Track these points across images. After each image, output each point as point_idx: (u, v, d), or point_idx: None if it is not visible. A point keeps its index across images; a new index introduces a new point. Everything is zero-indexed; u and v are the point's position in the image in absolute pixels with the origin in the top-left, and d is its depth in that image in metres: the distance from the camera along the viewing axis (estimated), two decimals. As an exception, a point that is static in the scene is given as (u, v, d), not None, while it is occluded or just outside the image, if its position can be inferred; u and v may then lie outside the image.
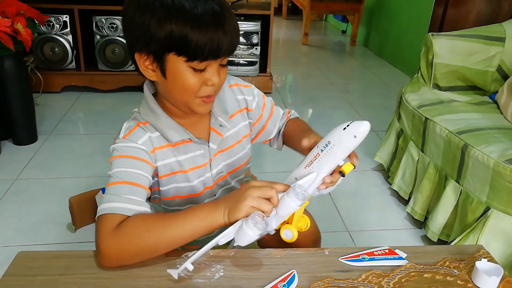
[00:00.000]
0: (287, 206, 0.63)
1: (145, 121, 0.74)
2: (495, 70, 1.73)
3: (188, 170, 0.77)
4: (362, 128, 0.62)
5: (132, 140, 0.72)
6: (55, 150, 2.00)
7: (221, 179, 0.83)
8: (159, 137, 0.74)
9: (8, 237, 1.43)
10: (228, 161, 0.82)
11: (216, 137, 0.78)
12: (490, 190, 1.24)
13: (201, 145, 0.77)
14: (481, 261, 0.64)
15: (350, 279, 0.64)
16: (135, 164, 0.70)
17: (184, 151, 0.76)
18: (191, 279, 0.63)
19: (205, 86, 0.69)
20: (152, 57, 0.68)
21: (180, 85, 0.69)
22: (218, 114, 0.78)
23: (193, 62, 0.66)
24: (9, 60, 1.86)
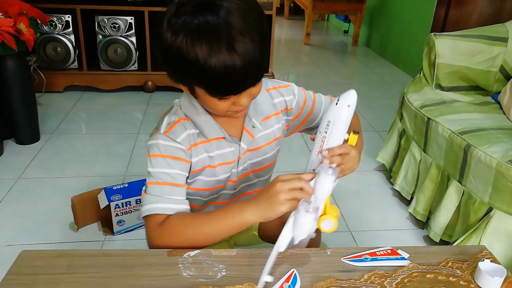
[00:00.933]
0: (322, 187, 0.65)
1: (185, 117, 0.77)
2: (497, 70, 1.72)
3: (217, 165, 0.80)
4: (351, 96, 0.65)
5: (172, 138, 0.75)
6: (58, 150, 2.01)
7: (244, 175, 0.86)
8: (196, 134, 0.77)
9: (11, 236, 1.43)
10: (255, 160, 0.85)
11: (248, 137, 0.81)
12: (492, 191, 1.24)
13: (232, 143, 0.80)
14: (484, 262, 0.64)
15: (352, 279, 0.64)
16: (173, 164, 0.75)
17: (216, 147, 0.79)
18: (193, 279, 0.63)
19: (233, 107, 0.71)
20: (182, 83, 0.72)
21: (208, 106, 0.73)
22: (252, 115, 0.80)
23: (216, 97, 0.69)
24: (12, 60, 1.87)
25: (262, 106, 0.82)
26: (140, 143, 2.07)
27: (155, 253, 0.68)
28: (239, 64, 0.63)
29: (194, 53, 0.62)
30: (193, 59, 0.63)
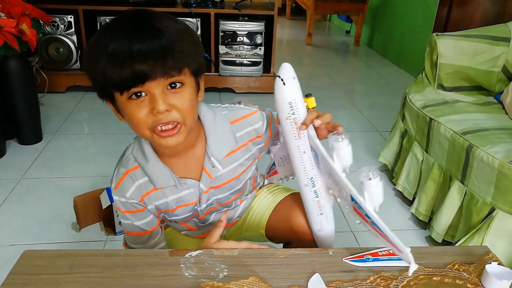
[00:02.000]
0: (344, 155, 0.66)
1: (136, 165, 0.75)
2: (500, 71, 1.72)
3: (175, 208, 0.80)
4: (288, 69, 0.65)
5: (121, 194, 0.76)
6: (60, 150, 2.01)
7: (211, 210, 0.86)
8: (147, 182, 0.76)
9: (14, 236, 1.44)
10: (220, 196, 0.83)
11: (206, 178, 0.77)
12: (495, 191, 1.23)
13: (190, 186, 0.78)
14: (491, 265, 0.64)
15: (358, 281, 0.64)
16: (138, 216, 0.78)
17: (170, 192, 0.78)
18: (195, 279, 0.63)
19: (153, 116, 0.64)
20: (108, 100, 0.70)
21: (130, 120, 0.67)
22: (212, 154, 0.76)
23: (124, 94, 0.63)
24: (14, 60, 1.87)
25: (224, 142, 0.76)
26: (142, 143, 2.07)
27: (157, 253, 0.69)
28: (141, 47, 0.60)
29: (96, 44, 0.64)
30: (98, 45, 0.63)
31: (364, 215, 0.64)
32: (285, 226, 0.86)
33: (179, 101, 0.65)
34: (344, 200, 0.69)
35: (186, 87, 0.66)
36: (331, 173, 0.69)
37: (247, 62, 2.74)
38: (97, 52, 0.63)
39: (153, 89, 0.63)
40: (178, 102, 0.65)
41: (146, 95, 0.64)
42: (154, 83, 0.62)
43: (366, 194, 0.64)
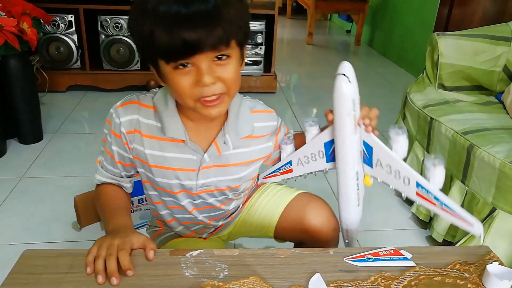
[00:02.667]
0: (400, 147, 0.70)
1: (151, 105, 0.75)
2: (501, 70, 1.72)
3: (173, 168, 0.77)
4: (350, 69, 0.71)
5: (118, 115, 0.75)
6: (61, 149, 2.01)
7: (206, 191, 0.81)
8: (152, 127, 0.75)
9: (14, 235, 1.44)
10: (221, 178, 0.80)
11: (214, 151, 0.76)
12: (496, 191, 1.23)
13: (194, 151, 0.76)
14: (492, 265, 0.64)
15: (359, 280, 0.64)
16: (114, 141, 0.77)
17: (175, 149, 0.75)
18: (195, 278, 0.63)
19: (198, 88, 0.65)
20: (152, 66, 0.70)
21: (174, 89, 0.68)
22: (227, 131, 0.76)
23: (171, 64, 0.64)
24: (15, 60, 1.87)
25: (242, 125, 0.77)
26: (143, 142, 2.07)
27: (157, 253, 0.68)
28: (188, 12, 0.59)
29: (145, 5, 0.61)
30: (147, 8, 0.61)
31: (431, 199, 0.67)
32: (297, 227, 0.85)
33: (225, 73, 0.66)
34: (403, 187, 0.71)
35: (232, 59, 0.67)
36: (391, 164, 0.71)
37: (248, 62, 2.73)
38: (142, 12, 0.62)
39: (200, 62, 0.63)
40: (224, 74, 0.65)
41: (192, 66, 0.64)
42: (202, 56, 0.63)
43: (431, 177, 0.67)
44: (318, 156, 0.76)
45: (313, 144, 0.78)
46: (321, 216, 0.85)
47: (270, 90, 2.84)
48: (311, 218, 0.84)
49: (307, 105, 2.78)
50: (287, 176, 0.83)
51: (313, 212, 0.84)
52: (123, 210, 0.79)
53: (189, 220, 0.87)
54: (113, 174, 0.81)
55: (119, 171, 0.81)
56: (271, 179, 0.88)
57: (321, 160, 0.76)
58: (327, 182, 1.81)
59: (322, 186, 1.79)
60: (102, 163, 0.81)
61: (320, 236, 0.84)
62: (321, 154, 0.75)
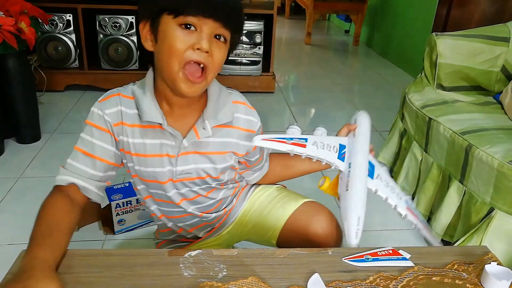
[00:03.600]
0: None
1: (131, 96, 0.76)
2: (499, 70, 1.72)
3: (153, 155, 0.76)
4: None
5: (102, 107, 0.75)
6: (58, 149, 2.00)
7: (187, 179, 0.80)
8: (135, 116, 0.75)
9: (12, 235, 1.43)
10: (202, 166, 0.79)
11: (193, 136, 0.76)
12: (494, 191, 1.23)
13: (173, 137, 0.76)
14: (491, 265, 0.64)
15: (357, 280, 0.64)
16: (97, 135, 0.75)
17: (154, 135, 0.76)
18: (194, 279, 0.63)
19: (191, 51, 0.67)
20: (149, 24, 0.70)
21: (167, 46, 0.68)
22: (207, 117, 0.76)
23: (179, 18, 0.66)
24: (13, 59, 1.87)
25: (222, 113, 0.77)
26: (141, 142, 2.07)
27: (156, 253, 0.68)
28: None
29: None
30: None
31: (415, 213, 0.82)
32: (302, 237, 0.84)
33: (218, 52, 0.70)
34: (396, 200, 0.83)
35: (226, 46, 0.71)
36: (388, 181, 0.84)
37: (246, 62, 2.73)
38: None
39: (206, 27, 0.67)
40: (217, 53, 0.69)
41: (195, 30, 0.67)
42: (210, 21, 0.67)
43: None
44: (333, 150, 0.80)
45: (330, 139, 0.81)
46: (327, 227, 0.84)
47: (268, 90, 2.84)
48: (318, 229, 0.83)
49: (306, 105, 2.78)
50: (297, 149, 0.76)
51: (319, 223, 0.84)
52: (54, 235, 0.67)
53: (179, 214, 0.86)
54: (80, 175, 0.75)
55: (91, 170, 0.75)
56: (276, 144, 0.76)
57: (334, 154, 0.79)
58: (325, 182, 1.81)
59: (320, 186, 1.78)
60: (69, 165, 0.77)
61: (324, 246, 0.82)
62: (335, 149, 0.80)
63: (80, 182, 0.75)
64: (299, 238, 0.84)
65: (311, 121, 2.40)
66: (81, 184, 0.75)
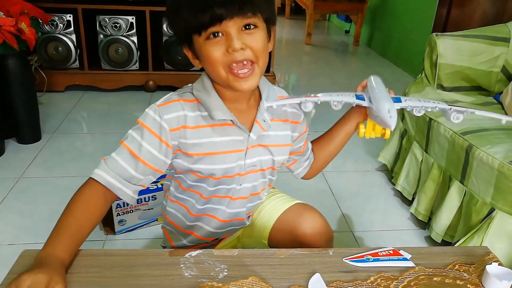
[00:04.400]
0: None
1: (193, 99, 0.77)
2: (499, 71, 1.72)
3: (224, 152, 0.78)
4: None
5: (160, 113, 0.74)
6: (59, 149, 2.01)
7: (252, 172, 0.83)
8: (198, 117, 0.76)
9: (12, 235, 1.43)
10: (264, 158, 0.83)
11: (258, 129, 0.79)
12: (494, 191, 1.23)
13: (242, 132, 0.79)
14: (492, 265, 0.64)
15: (358, 281, 0.64)
16: (147, 138, 0.74)
17: (222, 133, 0.77)
18: (194, 279, 0.63)
19: (228, 54, 0.69)
20: (187, 46, 0.75)
21: (207, 61, 0.71)
22: (263, 110, 0.80)
23: (202, 34, 0.69)
24: (13, 59, 1.87)
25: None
26: (141, 142, 2.07)
27: (156, 253, 0.68)
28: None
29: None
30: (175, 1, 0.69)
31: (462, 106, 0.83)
32: (290, 236, 0.85)
33: (253, 41, 0.70)
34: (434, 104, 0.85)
35: (259, 30, 0.71)
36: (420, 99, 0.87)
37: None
38: (177, 2, 0.70)
39: (229, 28, 0.68)
40: (252, 42, 0.70)
41: (223, 35, 0.69)
42: (230, 22, 0.68)
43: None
44: (349, 95, 0.82)
45: (346, 93, 0.83)
46: (314, 226, 0.84)
47: (269, 90, 2.84)
48: (305, 228, 0.83)
49: (306, 105, 2.78)
50: (310, 99, 0.78)
51: (306, 222, 0.84)
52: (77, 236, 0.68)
53: (227, 218, 0.87)
54: (120, 175, 0.73)
55: (133, 171, 0.74)
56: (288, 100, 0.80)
57: (351, 96, 0.82)
58: (326, 183, 1.81)
59: (322, 186, 1.79)
60: (111, 160, 0.74)
61: (313, 246, 0.83)
62: (352, 96, 0.82)
63: (118, 184, 0.73)
64: (288, 239, 0.85)
65: (311, 121, 2.41)
66: (117, 186, 0.73)
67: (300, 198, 0.93)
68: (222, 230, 0.89)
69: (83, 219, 0.70)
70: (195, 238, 0.89)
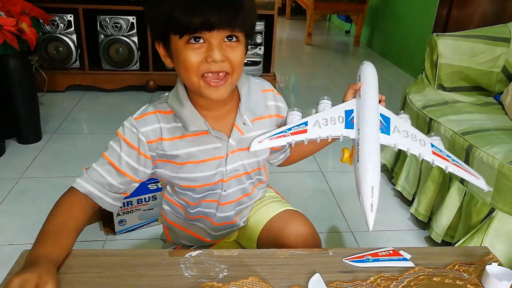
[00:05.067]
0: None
1: (168, 110, 0.77)
2: (500, 71, 1.72)
3: (200, 161, 0.78)
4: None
5: (137, 126, 0.75)
6: (59, 149, 2.01)
7: (236, 176, 0.83)
8: (174, 129, 0.76)
9: (12, 235, 1.43)
10: (246, 161, 0.82)
11: (237, 134, 0.78)
12: (494, 192, 1.23)
13: (219, 139, 0.78)
14: (492, 266, 0.64)
15: (358, 281, 0.64)
16: (125, 150, 0.75)
17: (199, 142, 0.77)
18: (194, 279, 0.63)
19: (205, 63, 0.68)
20: (162, 43, 0.72)
21: (182, 64, 0.69)
22: (243, 113, 0.78)
23: (184, 37, 0.66)
24: (14, 59, 1.87)
25: (255, 105, 0.80)
26: (142, 142, 2.07)
27: (156, 253, 0.68)
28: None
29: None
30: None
31: (444, 156, 0.73)
32: (276, 242, 0.83)
33: (233, 54, 0.69)
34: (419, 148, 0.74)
35: (240, 44, 0.70)
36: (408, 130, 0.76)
37: (247, 62, 2.73)
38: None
39: (213, 39, 0.67)
40: (232, 55, 0.69)
41: (204, 42, 0.67)
42: (217, 32, 0.66)
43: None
44: (338, 121, 0.76)
45: (333, 110, 0.78)
46: (297, 235, 0.81)
47: (269, 90, 2.84)
48: (289, 236, 0.81)
49: (306, 106, 2.78)
50: (297, 138, 0.73)
51: (291, 230, 0.82)
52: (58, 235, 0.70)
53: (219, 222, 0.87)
54: (100, 185, 0.75)
55: (113, 181, 0.75)
56: (274, 141, 0.74)
57: (340, 125, 0.75)
58: (326, 183, 1.81)
59: (321, 186, 1.79)
60: (91, 170, 0.76)
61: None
62: (341, 119, 0.76)
63: (97, 193, 0.75)
64: (274, 244, 0.83)
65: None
66: (97, 194, 0.75)
67: (301, 198, 0.93)
68: (217, 233, 0.89)
69: (67, 219, 0.72)
70: (192, 236, 0.90)
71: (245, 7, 0.67)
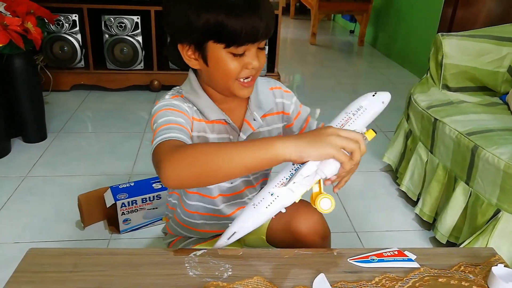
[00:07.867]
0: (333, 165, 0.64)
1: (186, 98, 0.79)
2: (506, 71, 1.71)
3: None
4: (386, 96, 0.69)
5: (176, 102, 0.76)
6: (64, 148, 2.02)
7: None
8: (197, 112, 0.78)
9: (18, 233, 1.44)
10: None
11: (248, 128, 0.81)
12: (500, 192, 1.23)
13: (233, 131, 0.81)
14: (498, 267, 0.64)
15: (363, 281, 0.63)
16: (178, 115, 0.73)
17: (216, 130, 0.80)
18: (199, 278, 0.63)
19: (245, 69, 0.73)
20: (193, 47, 0.73)
21: (221, 71, 0.73)
22: (253, 109, 0.81)
23: (230, 48, 0.70)
24: (19, 59, 1.88)
25: (264, 102, 0.83)
26: (146, 142, 2.08)
27: (161, 252, 0.69)
28: (258, 2, 0.68)
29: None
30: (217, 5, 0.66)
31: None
32: (285, 231, 0.85)
33: (262, 59, 0.75)
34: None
35: (264, 49, 0.77)
36: None
37: (251, 62, 2.73)
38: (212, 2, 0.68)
39: (254, 47, 0.72)
40: (262, 60, 0.75)
41: (244, 51, 0.71)
42: (257, 43, 0.72)
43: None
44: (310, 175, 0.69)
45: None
46: (309, 223, 0.83)
47: (273, 90, 2.84)
48: (300, 225, 0.83)
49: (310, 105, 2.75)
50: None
51: (301, 219, 0.84)
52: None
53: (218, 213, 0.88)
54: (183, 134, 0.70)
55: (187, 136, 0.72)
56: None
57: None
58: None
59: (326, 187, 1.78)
60: (167, 126, 0.69)
61: (308, 243, 0.83)
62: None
63: (184, 137, 0.70)
64: (284, 235, 0.85)
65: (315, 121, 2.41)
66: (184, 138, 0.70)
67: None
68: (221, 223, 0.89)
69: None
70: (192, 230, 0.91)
71: (272, 13, 0.72)
